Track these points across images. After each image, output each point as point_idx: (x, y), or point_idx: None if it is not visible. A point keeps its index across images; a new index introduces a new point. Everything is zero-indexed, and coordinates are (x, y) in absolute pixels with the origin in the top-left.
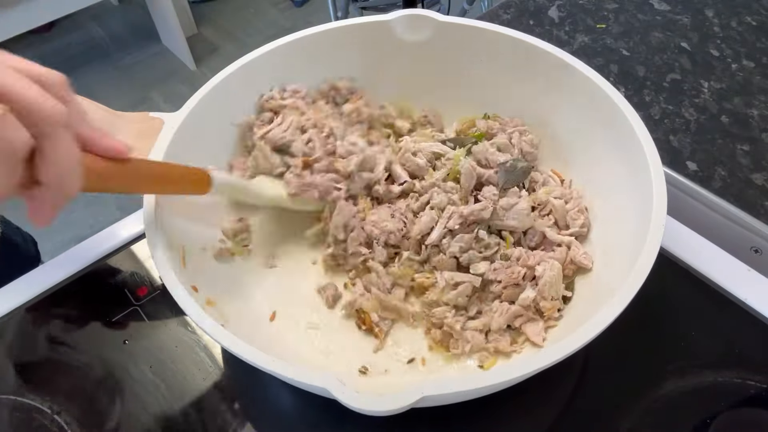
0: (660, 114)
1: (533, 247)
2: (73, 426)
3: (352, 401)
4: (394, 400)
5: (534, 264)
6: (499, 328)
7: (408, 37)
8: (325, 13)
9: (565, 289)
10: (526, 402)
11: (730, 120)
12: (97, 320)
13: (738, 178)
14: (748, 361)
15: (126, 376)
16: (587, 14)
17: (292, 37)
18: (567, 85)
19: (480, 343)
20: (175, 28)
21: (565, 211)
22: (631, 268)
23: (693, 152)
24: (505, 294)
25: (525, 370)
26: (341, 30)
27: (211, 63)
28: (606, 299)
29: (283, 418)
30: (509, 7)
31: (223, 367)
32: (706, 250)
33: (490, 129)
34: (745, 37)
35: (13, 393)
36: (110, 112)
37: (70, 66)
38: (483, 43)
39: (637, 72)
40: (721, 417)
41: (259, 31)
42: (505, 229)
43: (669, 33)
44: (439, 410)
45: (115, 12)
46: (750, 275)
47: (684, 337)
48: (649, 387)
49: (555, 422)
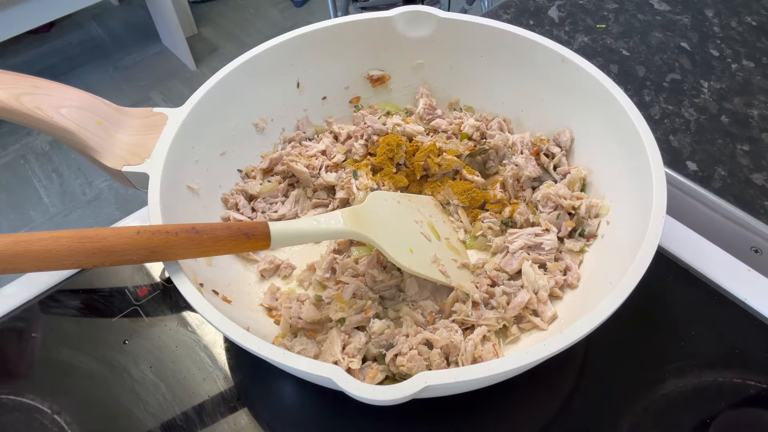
0: (660, 114)
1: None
2: (73, 426)
3: (356, 391)
4: (398, 390)
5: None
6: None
7: (409, 33)
8: (325, 12)
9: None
10: (527, 401)
11: (730, 120)
12: (97, 320)
13: (738, 178)
14: (748, 361)
15: (126, 376)
16: (587, 14)
17: (294, 33)
18: (567, 82)
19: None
20: (175, 28)
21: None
22: (631, 262)
23: (693, 152)
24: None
25: (527, 360)
26: (342, 27)
27: (211, 63)
28: (606, 294)
29: (286, 415)
30: (509, 7)
31: (222, 366)
32: (706, 250)
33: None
34: (745, 37)
35: (13, 393)
36: (114, 108)
37: (70, 66)
38: (483, 40)
39: (637, 72)
40: (721, 417)
41: (259, 31)
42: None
43: (669, 33)
44: (440, 404)
45: (115, 12)
46: (750, 275)
47: (684, 337)
48: (649, 387)
49: (555, 422)
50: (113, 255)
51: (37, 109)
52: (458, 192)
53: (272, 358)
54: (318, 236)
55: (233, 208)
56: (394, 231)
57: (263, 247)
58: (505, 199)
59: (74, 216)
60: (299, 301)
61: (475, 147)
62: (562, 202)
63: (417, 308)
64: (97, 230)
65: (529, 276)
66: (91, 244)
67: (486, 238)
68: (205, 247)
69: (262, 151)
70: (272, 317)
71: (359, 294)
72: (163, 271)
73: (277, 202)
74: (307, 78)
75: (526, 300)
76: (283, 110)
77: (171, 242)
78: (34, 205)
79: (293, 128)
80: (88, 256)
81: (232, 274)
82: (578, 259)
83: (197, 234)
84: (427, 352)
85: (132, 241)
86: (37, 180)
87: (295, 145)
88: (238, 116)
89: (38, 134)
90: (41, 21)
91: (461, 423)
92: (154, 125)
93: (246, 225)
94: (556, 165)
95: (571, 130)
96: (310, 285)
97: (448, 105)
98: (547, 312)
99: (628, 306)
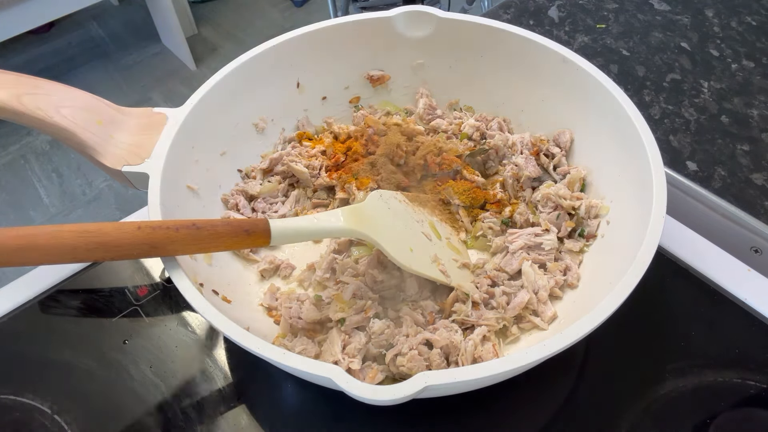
0: (660, 114)
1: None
2: (73, 426)
3: (356, 390)
4: (398, 390)
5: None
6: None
7: (409, 33)
8: (325, 13)
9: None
10: (527, 400)
11: (730, 120)
12: (97, 320)
13: (738, 178)
14: (748, 361)
15: (126, 376)
16: (587, 14)
17: (294, 33)
18: (567, 82)
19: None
20: (175, 28)
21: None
22: (631, 262)
23: (693, 152)
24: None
25: (527, 360)
26: (342, 27)
27: (211, 63)
28: (606, 294)
29: (285, 415)
30: (509, 7)
31: (222, 366)
32: (706, 250)
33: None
34: (745, 37)
35: (13, 393)
36: (114, 108)
37: (70, 66)
38: (483, 40)
39: (637, 72)
40: (721, 417)
41: (259, 31)
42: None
43: (669, 33)
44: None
45: (115, 12)
46: (750, 275)
47: (684, 337)
48: (649, 387)
49: (555, 422)
50: (114, 250)
51: (37, 110)
52: (459, 192)
53: (272, 358)
54: (318, 234)
55: (233, 209)
56: (394, 230)
57: (263, 244)
58: (505, 199)
59: (74, 216)
60: (299, 301)
61: (475, 147)
62: (562, 202)
63: (417, 308)
64: (98, 225)
65: (529, 276)
66: (92, 238)
67: (486, 238)
68: (205, 243)
69: (262, 151)
70: (272, 317)
71: (359, 294)
72: (163, 271)
73: (277, 202)
74: (307, 78)
75: (526, 300)
76: (283, 110)
77: (172, 238)
78: (34, 205)
79: (293, 128)
80: (89, 251)
81: (232, 274)
82: (578, 259)
83: (198, 230)
84: (427, 352)
85: (133, 236)
86: (37, 180)
87: (295, 145)
88: (238, 116)
89: (38, 134)
90: (41, 21)
91: (461, 423)
92: (154, 125)
93: (246, 222)
94: (556, 165)
95: (571, 130)
96: (310, 285)
97: (448, 105)
98: (547, 312)
99: (628, 306)
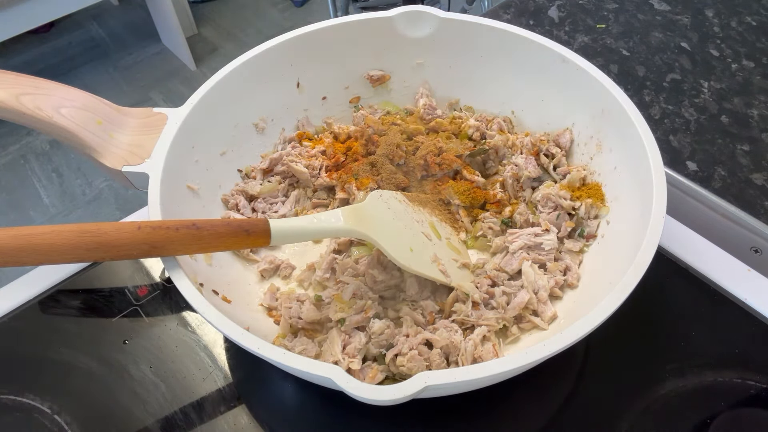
0: (660, 114)
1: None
2: (73, 426)
3: (356, 391)
4: (398, 390)
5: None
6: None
7: (409, 33)
8: (325, 13)
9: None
10: (527, 400)
11: (730, 120)
12: (97, 320)
13: (738, 178)
14: (748, 361)
15: (126, 376)
16: (587, 14)
17: (294, 33)
18: (568, 82)
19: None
20: (175, 28)
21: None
22: (631, 262)
23: (693, 152)
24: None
25: (527, 360)
26: (342, 27)
27: (211, 63)
28: (606, 294)
29: (285, 415)
30: (509, 7)
31: (222, 366)
32: (706, 249)
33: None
34: (745, 37)
35: (13, 393)
36: (114, 108)
37: (70, 66)
38: (483, 40)
39: (637, 72)
40: (721, 417)
41: (259, 31)
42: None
43: (669, 33)
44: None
45: (115, 12)
46: (750, 275)
47: (684, 337)
48: (649, 387)
49: (555, 422)
50: (114, 250)
51: (37, 109)
52: (459, 192)
53: (272, 358)
54: (318, 234)
55: (233, 209)
56: (394, 230)
57: (263, 244)
58: (505, 199)
59: (74, 216)
60: (299, 301)
61: (475, 147)
62: (562, 202)
63: (417, 308)
64: (98, 225)
65: (529, 276)
66: (92, 238)
67: (486, 238)
68: (205, 243)
69: (262, 151)
70: (272, 317)
71: (359, 294)
72: (163, 271)
73: (277, 202)
74: (307, 78)
75: (526, 300)
76: (283, 110)
77: (171, 238)
78: (34, 205)
79: (293, 128)
80: (89, 251)
81: (232, 274)
82: (578, 259)
83: (198, 230)
84: (427, 352)
85: (133, 236)
86: (37, 180)
87: (295, 145)
88: (238, 116)
89: (38, 134)
90: (41, 21)
91: (461, 423)
92: (154, 125)
93: (246, 222)
94: (556, 165)
95: (571, 130)
96: (310, 285)
97: (448, 105)
98: (547, 312)
99: (628, 306)
